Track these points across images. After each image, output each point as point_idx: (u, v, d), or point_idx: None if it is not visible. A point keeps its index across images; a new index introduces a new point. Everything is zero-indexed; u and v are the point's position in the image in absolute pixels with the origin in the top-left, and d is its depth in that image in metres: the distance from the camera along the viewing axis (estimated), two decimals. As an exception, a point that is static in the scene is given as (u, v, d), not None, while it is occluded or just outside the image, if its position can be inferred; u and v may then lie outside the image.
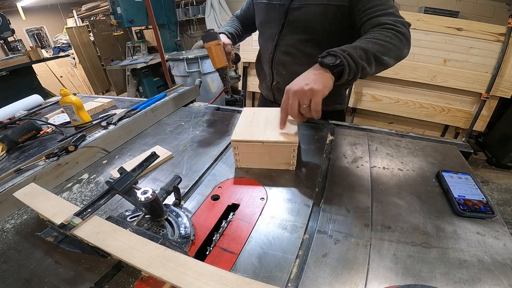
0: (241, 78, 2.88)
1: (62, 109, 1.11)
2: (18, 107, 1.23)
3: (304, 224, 0.51)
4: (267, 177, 0.64)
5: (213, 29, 0.88)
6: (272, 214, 0.54)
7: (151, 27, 4.01)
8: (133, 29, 4.17)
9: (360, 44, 0.65)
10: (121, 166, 0.53)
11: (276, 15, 0.90)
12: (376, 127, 0.87)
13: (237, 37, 1.08)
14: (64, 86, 4.18)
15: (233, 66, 1.03)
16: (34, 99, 1.31)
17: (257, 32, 1.09)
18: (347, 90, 1.15)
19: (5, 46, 3.75)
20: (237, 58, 1.08)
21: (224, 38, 0.95)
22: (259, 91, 1.23)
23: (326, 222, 0.51)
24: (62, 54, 5.25)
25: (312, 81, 0.60)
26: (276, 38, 0.93)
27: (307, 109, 0.61)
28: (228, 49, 0.93)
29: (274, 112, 0.77)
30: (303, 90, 0.60)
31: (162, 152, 0.75)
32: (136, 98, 1.31)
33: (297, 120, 0.64)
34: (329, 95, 0.65)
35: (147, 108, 0.95)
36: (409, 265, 0.43)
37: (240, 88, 2.97)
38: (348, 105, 2.59)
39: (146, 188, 0.46)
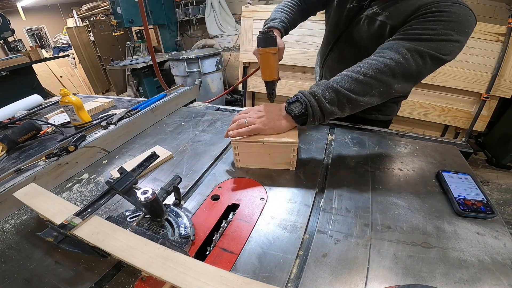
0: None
1: (62, 109, 1.11)
2: (18, 107, 1.23)
3: (304, 224, 0.51)
4: (267, 177, 0.64)
5: (272, 32, 0.72)
6: (272, 214, 0.54)
7: (151, 27, 4.02)
8: (133, 29, 4.17)
9: (335, 83, 0.60)
10: (121, 166, 0.53)
11: (338, 19, 0.86)
12: (376, 127, 0.87)
13: (289, 29, 0.91)
14: (64, 86, 4.19)
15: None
16: (34, 99, 1.31)
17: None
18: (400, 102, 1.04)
19: (5, 46, 3.75)
20: None
21: (279, 40, 0.76)
22: (259, 91, 1.19)
23: (326, 222, 0.51)
24: (62, 54, 5.25)
25: (268, 120, 0.63)
26: (332, 41, 0.90)
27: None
28: (280, 55, 0.77)
29: None
30: (254, 122, 0.63)
31: (162, 152, 0.75)
32: (136, 98, 1.31)
33: (230, 134, 0.63)
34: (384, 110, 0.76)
35: (147, 108, 0.95)
36: (409, 265, 0.43)
37: (240, 88, 2.97)
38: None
39: (146, 188, 0.46)
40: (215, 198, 0.59)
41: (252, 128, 0.62)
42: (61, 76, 4.70)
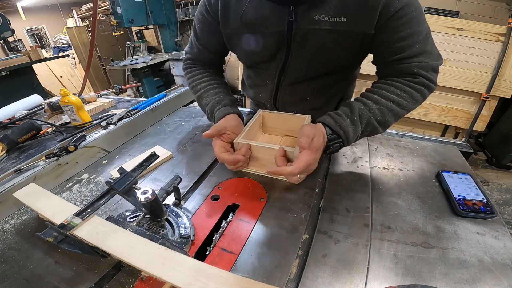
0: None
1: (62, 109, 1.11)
2: (18, 107, 1.23)
3: (304, 224, 0.51)
4: (267, 177, 0.64)
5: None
6: (272, 214, 0.54)
7: (151, 27, 4.02)
8: (133, 29, 4.18)
9: (376, 119, 0.58)
10: (121, 166, 0.53)
11: (272, 48, 0.68)
12: (376, 127, 0.87)
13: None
14: (64, 86, 4.19)
15: None
16: (34, 99, 1.31)
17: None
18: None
19: (5, 46, 3.75)
20: None
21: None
22: None
23: (326, 222, 0.51)
24: (62, 54, 5.25)
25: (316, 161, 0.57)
26: (277, 75, 0.74)
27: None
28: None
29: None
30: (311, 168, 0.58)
31: (162, 152, 0.75)
32: (136, 98, 1.31)
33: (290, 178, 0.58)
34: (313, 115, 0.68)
35: (147, 108, 0.95)
36: (409, 265, 0.43)
37: (240, 88, 2.97)
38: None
39: (146, 188, 0.46)
40: (215, 198, 0.59)
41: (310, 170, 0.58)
42: (61, 76, 4.70)
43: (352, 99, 0.67)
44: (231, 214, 0.55)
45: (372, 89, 0.63)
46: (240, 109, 0.76)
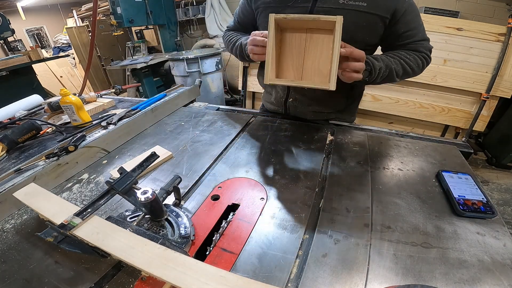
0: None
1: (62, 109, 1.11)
2: (18, 107, 1.23)
3: (304, 224, 0.51)
4: (267, 177, 0.64)
5: None
6: (272, 214, 0.54)
7: (151, 27, 4.02)
8: (133, 29, 4.17)
9: (388, 60, 0.73)
10: (121, 166, 0.53)
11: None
12: (376, 127, 0.87)
13: None
14: (64, 86, 4.19)
15: None
16: (34, 99, 1.31)
17: None
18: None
19: (5, 46, 3.75)
20: None
21: None
22: (259, 91, 1.13)
23: (326, 222, 0.51)
24: (62, 54, 5.25)
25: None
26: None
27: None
28: None
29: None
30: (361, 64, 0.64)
31: (162, 152, 0.75)
32: (136, 98, 1.31)
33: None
34: (338, 111, 0.87)
35: (147, 108, 0.95)
36: (409, 265, 0.43)
37: (240, 88, 2.97)
38: (348, 105, 2.59)
39: (146, 188, 0.46)
40: (215, 198, 0.59)
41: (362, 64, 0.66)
42: (61, 76, 4.70)
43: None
44: (231, 214, 0.55)
45: (388, 52, 0.80)
46: (239, 108, 0.77)
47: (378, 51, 0.84)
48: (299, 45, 0.65)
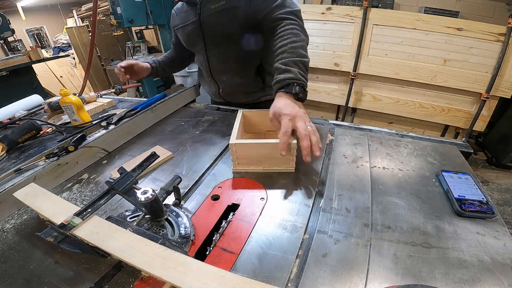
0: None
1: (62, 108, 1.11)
2: (18, 107, 1.23)
3: (304, 224, 0.51)
4: (267, 177, 0.64)
5: None
6: (272, 214, 0.54)
7: (151, 27, 4.01)
8: (133, 29, 4.17)
9: (294, 59, 0.72)
10: (121, 166, 0.53)
11: (194, 32, 0.98)
12: (376, 127, 0.87)
13: (163, 68, 1.18)
14: (64, 86, 4.19)
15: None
16: (34, 99, 1.31)
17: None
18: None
19: (5, 46, 3.75)
20: None
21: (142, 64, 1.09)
22: None
23: (326, 222, 0.51)
24: (62, 54, 5.25)
25: (297, 108, 0.64)
26: (204, 51, 1.02)
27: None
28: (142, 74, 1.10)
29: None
30: (302, 114, 0.62)
31: (162, 152, 0.75)
32: (136, 98, 1.31)
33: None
34: (261, 88, 1.06)
35: (147, 108, 0.95)
36: (409, 265, 0.43)
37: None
38: (348, 105, 2.59)
39: (146, 188, 0.46)
40: (215, 198, 0.59)
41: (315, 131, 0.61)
42: (61, 76, 4.70)
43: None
44: (231, 214, 0.55)
45: (275, 49, 0.79)
46: (238, 108, 0.80)
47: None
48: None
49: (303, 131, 0.58)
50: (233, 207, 0.56)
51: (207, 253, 0.46)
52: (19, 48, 4.85)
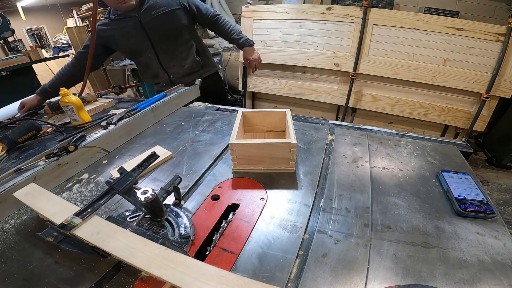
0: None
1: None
2: (18, 107, 1.22)
3: (304, 224, 0.51)
4: (267, 177, 0.64)
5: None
6: (272, 214, 0.54)
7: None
8: (133, 29, 4.16)
9: (238, 32, 1.37)
10: (121, 166, 0.53)
11: (139, 37, 1.23)
12: (376, 127, 0.87)
13: (55, 88, 1.21)
14: (64, 86, 4.17)
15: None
16: (34, 99, 1.31)
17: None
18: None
19: (5, 46, 3.75)
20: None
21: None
22: (259, 91, 1.53)
23: (326, 222, 0.51)
24: (62, 54, 5.25)
25: (256, 52, 1.40)
26: (152, 49, 1.28)
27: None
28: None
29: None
30: (258, 54, 1.41)
31: (162, 152, 0.75)
32: (136, 98, 1.31)
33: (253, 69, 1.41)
34: (201, 67, 1.45)
35: (147, 108, 0.95)
36: (409, 265, 0.43)
37: (240, 88, 2.97)
38: (348, 105, 2.59)
39: (146, 188, 0.46)
40: (215, 198, 0.59)
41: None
42: (61, 76, 4.69)
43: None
44: (231, 214, 0.55)
45: (225, 31, 1.37)
46: (238, 108, 0.82)
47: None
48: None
49: (254, 61, 1.39)
50: (233, 207, 0.56)
51: (207, 253, 0.46)
52: (19, 48, 4.85)
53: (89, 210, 0.46)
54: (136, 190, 0.47)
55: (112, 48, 1.32)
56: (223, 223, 0.52)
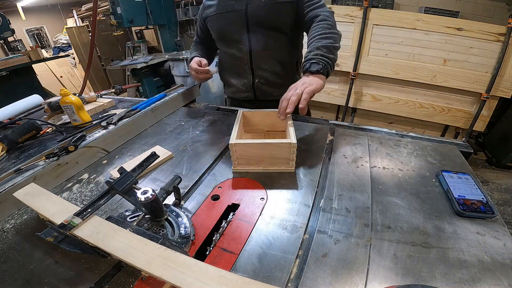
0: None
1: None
2: (18, 107, 1.23)
3: (304, 224, 0.51)
4: (267, 177, 0.64)
5: None
6: (272, 214, 0.54)
7: (151, 27, 4.02)
8: (133, 29, 4.18)
9: (321, 44, 0.82)
10: (121, 166, 0.53)
11: (237, 20, 0.98)
12: (376, 127, 0.87)
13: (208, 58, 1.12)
14: (64, 86, 4.18)
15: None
16: (34, 99, 1.31)
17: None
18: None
19: (5, 46, 3.75)
20: None
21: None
22: None
23: (326, 222, 0.51)
24: (62, 54, 5.25)
25: (312, 82, 0.73)
26: (247, 40, 1.01)
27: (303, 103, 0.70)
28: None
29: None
30: (308, 85, 0.72)
31: (162, 152, 0.75)
32: (136, 98, 1.31)
33: (290, 109, 0.69)
34: (284, 86, 0.87)
35: (147, 108, 0.95)
36: (409, 265, 0.43)
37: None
38: (348, 105, 2.59)
39: (146, 188, 0.46)
40: (215, 198, 0.59)
41: (310, 89, 0.71)
42: (61, 76, 4.70)
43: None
44: (231, 214, 0.55)
45: (309, 38, 0.89)
46: (238, 108, 0.81)
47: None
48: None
49: (286, 96, 0.72)
50: (233, 207, 0.56)
51: (207, 253, 0.46)
52: (19, 48, 4.86)
53: (89, 210, 0.46)
54: (136, 190, 0.47)
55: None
56: (223, 223, 0.52)
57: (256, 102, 1.14)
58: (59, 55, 4.59)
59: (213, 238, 0.48)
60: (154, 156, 0.57)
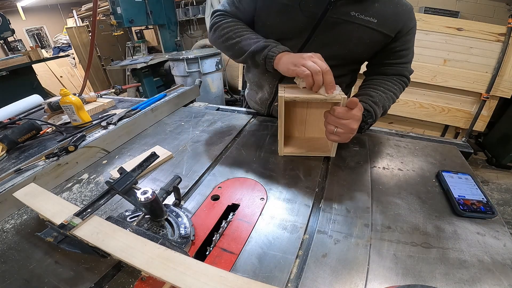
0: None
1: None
2: (18, 107, 1.23)
3: (304, 224, 0.51)
4: (267, 177, 0.64)
5: None
6: (272, 214, 0.54)
7: (151, 27, 4.02)
8: (133, 29, 4.18)
9: (384, 100, 0.73)
10: (121, 166, 0.53)
11: (301, 24, 0.72)
12: (376, 127, 0.87)
13: None
14: (64, 86, 4.19)
15: None
16: (34, 99, 1.31)
17: None
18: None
19: (5, 46, 3.75)
20: None
21: None
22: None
23: (326, 222, 0.51)
24: (62, 54, 5.25)
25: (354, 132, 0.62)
26: (301, 46, 0.75)
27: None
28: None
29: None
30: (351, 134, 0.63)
31: (162, 152, 0.75)
32: (136, 98, 1.31)
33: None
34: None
35: (147, 108, 0.95)
36: (409, 265, 0.43)
37: (240, 88, 2.97)
38: (348, 105, 2.59)
39: (146, 188, 0.46)
40: (215, 198, 0.59)
41: (348, 137, 0.63)
42: (61, 76, 4.70)
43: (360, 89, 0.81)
44: (231, 214, 0.55)
45: (376, 82, 0.77)
46: (239, 108, 0.78)
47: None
48: (301, 116, 0.76)
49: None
50: (233, 207, 0.56)
51: (207, 253, 0.46)
52: (19, 48, 4.86)
53: (89, 210, 0.46)
54: (136, 190, 0.47)
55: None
56: (223, 223, 0.52)
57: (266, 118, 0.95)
58: (59, 55, 4.59)
59: (213, 238, 0.48)
60: (154, 156, 0.57)
